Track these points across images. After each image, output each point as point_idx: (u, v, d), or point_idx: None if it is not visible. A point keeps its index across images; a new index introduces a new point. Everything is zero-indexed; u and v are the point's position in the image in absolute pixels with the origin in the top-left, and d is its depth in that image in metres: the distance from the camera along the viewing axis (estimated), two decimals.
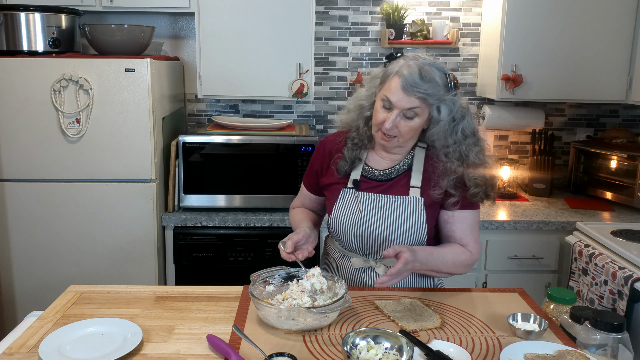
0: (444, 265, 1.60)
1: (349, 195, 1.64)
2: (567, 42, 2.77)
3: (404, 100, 1.48)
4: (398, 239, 1.60)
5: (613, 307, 2.03)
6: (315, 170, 1.76)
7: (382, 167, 1.66)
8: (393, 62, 1.55)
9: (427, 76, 1.47)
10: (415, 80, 1.46)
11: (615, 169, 2.92)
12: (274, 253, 2.61)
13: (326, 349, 1.30)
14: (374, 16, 3.10)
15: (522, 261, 2.63)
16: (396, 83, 1.49)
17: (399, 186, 1.63)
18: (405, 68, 1.49)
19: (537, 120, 3.06)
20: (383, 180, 1.64)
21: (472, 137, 1.57)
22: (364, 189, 1.64)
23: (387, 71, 1.55)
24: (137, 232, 2.56)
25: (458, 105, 1.54)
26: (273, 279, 1.54)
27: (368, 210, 1.61)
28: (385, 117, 1.52)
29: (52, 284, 2.55)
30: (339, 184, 1.67)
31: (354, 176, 1.65)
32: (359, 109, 1.65)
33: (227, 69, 2.78)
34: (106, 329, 1.35)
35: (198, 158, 2.65)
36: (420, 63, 1.50)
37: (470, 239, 1.64)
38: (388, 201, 1.61)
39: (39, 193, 2.52)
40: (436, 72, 1.49)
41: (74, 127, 2.47)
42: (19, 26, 2.52)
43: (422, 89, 1.47)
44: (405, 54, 1.58)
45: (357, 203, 1.62)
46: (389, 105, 1.51)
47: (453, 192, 1.58)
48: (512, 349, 1.28)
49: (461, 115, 1.54)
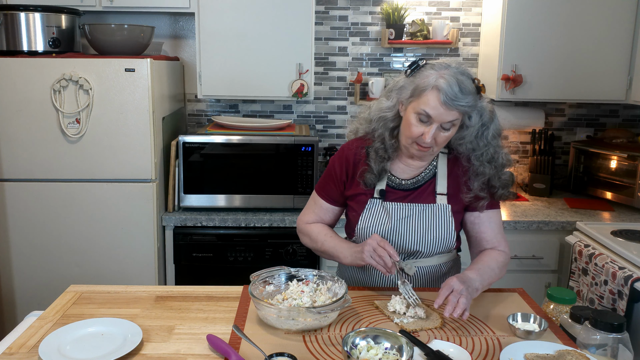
0: (494, 275, 1.58)
1: (376, 206, 1.63)
2: (567, 42, 2.77)
3: (445, 115, 1.46)
4: (429, 247, 1.61)
5: (613, 307, 2.03)
6: (340, 181, 1.68)
7: (407, 176, 1.64)
8: (421, 73, 1.50)
9: (465, 88, 1.45)
10: (457, 94, 1.43)
11: (615, 169, 2.92)
12: (274, 253, 2.62)
13: (326, 349, 1.30)
14: (374, 16, 3.10)
15: (522, 261, 2.63)
16: (435, 97, 1.45)
17: (425, 194, 1.63)
18: (443, 81, 1.44)
19: (537, 120, 3.06)
20: (409, 189, 1.64)
21: (498, 138, 1.58)
22: (392, 199, 1.63)
23: (418, 83, 1.49)
24: (137, 232, 2.56)
25: (486, 109, 1.54)
26: (273, 279, 1.54)
27: (397, 220, 1.60)
28: (424, 130, 1.49)
29: (52, 284, 2.55)
30: (365, 195, 1.64)
31: (380, 186, 1.63)
32: (382, 120, 1.60)
33: (227, 69, 2.78)
34: (106, 329, 1.35)
35: (198, 158, 2.65)
36: (453, 73, 1.46)
37: (500, 238, 1.65)
38: (417, 210, 1.61)
39: (39, 193, 2.52)
40: (468, 81, 1.47)
41: (74, 127, 2.47)
42: (19, 26, 2.52)
43: (464, 102, 1.45)
44: (430, 61, 1.55)
45: (386, 213, 1.61)
46: (427, 119, 1.48)
47: (484, 195, 1.59)
48: (512, 349, 1.28)
49: (489, 118, 1.55)
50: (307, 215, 1.77)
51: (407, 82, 1.53)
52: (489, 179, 1.59)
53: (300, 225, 1.78)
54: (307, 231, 1.74)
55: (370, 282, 1.70)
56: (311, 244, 1.73)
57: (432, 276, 1.67)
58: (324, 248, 1.68)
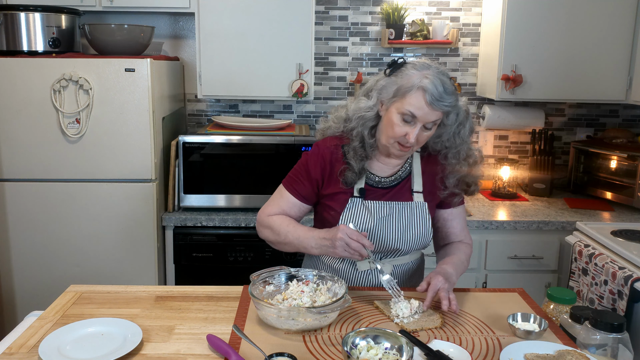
0: (464, 267, 1.66)
1: (357, 205, 1.63)
2: (567, 42, 2.77)
3: (430, 115, 1.48)
4: (408, 244, 1.64)
5: (613, 307, 2.03)
6: (315, 179, 1.66)
7: (384, 175, 1.67)
8: (402, 72, 1.51)
9: (448, 88, 1.48)
10: (442, 95, 1.46)
11: (615, 169, 2.92)
12: (274, 253, 2.61)
13: (326, 349, 1.30)
14: (374, 16, 3.10)
15: (522, 261, 2.63)
16: (420, 98, 1.46)
17: (402, 192, 1.65)
18: (427, 81, 1.45)
19: (537, 120, 3.07)
20: (387, 187, 1.66)
21: (472, 136, 1.63)
22: (371, 197, 1.64)
23: (402, 84, 1.49)
24: (137, 232, 2.56)
25: (462, 108, 1.58)
26: (273, 279, 1.54)
27: (379, 218, 1.62)
28: (408, 130, 1.50)
29: (52, 284, 2.55)
30: (345, 194, 1.64)
31: (360, 185, 1.64)
32: (362, 119, 1.60)
33: (227, 69, 2.78)
34: (106, 329, 1.35)
35: (198, 158, 2.65)
36: (435, 73, 1.48)
37: (466, 231, 1.76)
38: (397, 208, 1.64)
39: (39, 193, 2.52)
40: (449, 81, 1.50)
41: (74, 127, 2.47)
42: (19, 26, 2.52)
43: (448, 102, 1.47)
44: (410, 60, 1.55)
45: (367, 212, 1.62)
46: (411, 119, 1.49)
47: (458, 192, 1.66)
48: (512, 349, 1.28)
49: (465, 117, 1.59)
50: (269, 207, 1.69)
51: (389, 82, 1.53)
52: (464, 176, 1.64)
53: (260, 217, 1.68)
54: (269, 223, 1.65)
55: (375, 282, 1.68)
56: (273, 236, 1.65)
57: (405, 274, 1.70)
58: (288, 239, 1.61)
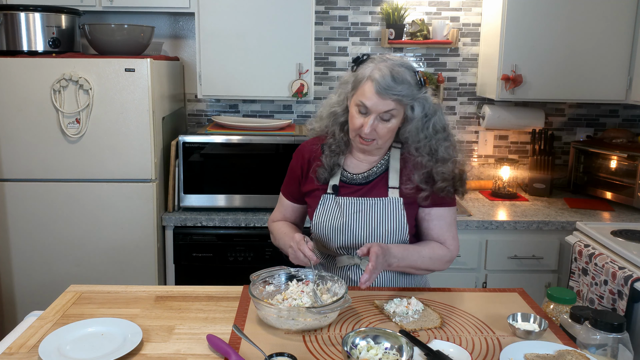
0: (421, 261, 1.61)
1: (329, 201, 1.65)
2: (567, 42, 2.77)
3: (380, 104, 1.50)
4: (379, 239, 1.62)
5: (613, 307, 2.03)
6: (297, 178, 1.74)
7: (360, 171, 1.67)
8: (362, 66, 1.56)
9: (399, 77, 1.49)
10: (389, 83, 1.47)
11: (615, 169, 2.92)
12: (274, 253, 2.61)
13: (326, 349, 1.30)
14: (374, 16, 3.10)
15: (522, 261, 2.63)
16: (370, 88, 1.50)
17: (377, 188, 1.65)
18: (377, 71, 1.49)
19: (537, 120, 3.06)
20: (362, 183, 1.66)
21: (442, 132, 1.60)
22: (344, 194, 1.65)
23: (357, 76, 1.55)
24: (137, 232, 2.56)
25: (430, 102, 1.57)
26: (273, 279, 1.54)
27: (349, 214, 1.62)
28: (363, 122, 1.53)
29: (52, 284, 2.55)
30: (320, 190, 1.68)
31: (333, 182, 1.66)
32: (332, 115, 1.66)
33: (227, 69, 2.78)
34: (106, 329, 1.35)
35: (198, 158, 2.65)
36: (390, 64, 1.50)
37: (447, 235, 1.65)
38: (368, 204, 1.63)
39: (39, 193, 2.52)
40: (407, 72, 1.51)
41: (74, 127, 2.47)
42: (19, 26, 2.52)
43: (397, 91, 1.48)
44: (373, 55, 1.59)
45: (338, 208, 1.63)
46: (365, 110, 1.52)
47: (424, 187, 1.60)
48: (512, 349, 1.28)
49: (433, 111, 1.58)
50: (274, 214, 1.84)
51: (350, 77, 1.59)
52: (430, 172, 1.60)
53: (268, 224, 1.84)
54: (271, 229, 1.81)
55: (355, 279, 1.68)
56: (274, 241, 1.78)
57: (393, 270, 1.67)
58: (280, 245, 1.73)
